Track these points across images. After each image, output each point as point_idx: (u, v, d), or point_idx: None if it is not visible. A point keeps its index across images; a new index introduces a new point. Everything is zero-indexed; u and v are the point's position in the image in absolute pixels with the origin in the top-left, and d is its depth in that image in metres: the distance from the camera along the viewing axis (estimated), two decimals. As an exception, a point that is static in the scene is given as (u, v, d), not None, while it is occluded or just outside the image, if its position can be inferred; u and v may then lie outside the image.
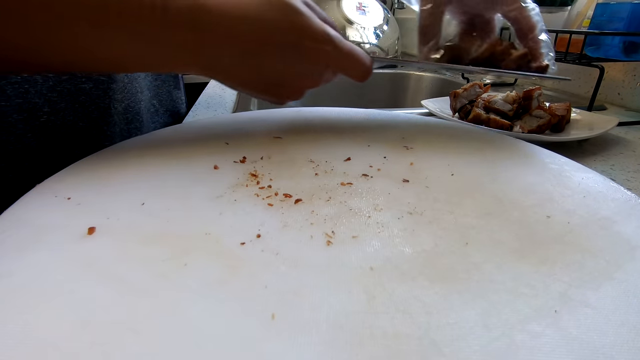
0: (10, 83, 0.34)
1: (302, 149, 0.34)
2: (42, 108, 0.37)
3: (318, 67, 0.32)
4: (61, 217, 0.23)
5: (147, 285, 0.18)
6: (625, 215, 0.25)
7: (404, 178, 0.29)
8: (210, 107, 0.62)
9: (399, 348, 0.15)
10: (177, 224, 0.22)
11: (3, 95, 0.34)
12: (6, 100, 0.34)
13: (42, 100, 0.37)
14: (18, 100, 0.35)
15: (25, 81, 0.35)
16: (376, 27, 1.05)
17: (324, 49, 0.31)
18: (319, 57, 0.31)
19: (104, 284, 0.18)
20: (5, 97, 0.34)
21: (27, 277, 0.18)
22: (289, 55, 0.30)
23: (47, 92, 0.37)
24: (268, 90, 0.33)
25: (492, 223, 0.24)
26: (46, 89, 0.37)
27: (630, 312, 0.17)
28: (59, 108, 0.38)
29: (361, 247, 0.21)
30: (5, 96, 0.34)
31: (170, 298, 0.17)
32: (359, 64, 0.34)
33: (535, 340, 0.16)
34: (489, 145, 0.37)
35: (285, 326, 0.16)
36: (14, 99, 0.35)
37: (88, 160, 0.30)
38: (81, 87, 0.39)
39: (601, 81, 0.55)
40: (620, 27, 0.56)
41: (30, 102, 0.36)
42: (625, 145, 0.48)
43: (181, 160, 0.31)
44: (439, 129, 0.41)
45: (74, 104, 0.39)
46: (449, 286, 0.19)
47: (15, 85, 0.35)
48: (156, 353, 0.15)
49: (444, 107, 0.56)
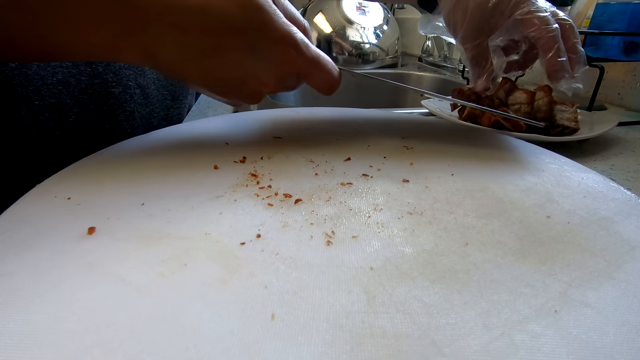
0: (46, 84, 0.36)
1: (302, 149, 0.34)
2: (72, 109, 0.39)
3: (277, 70, 0.29)
4: (61, 217, 0.23)
5: (147, 285, 0.18)
6: (625, 215, 0.25)
7: (404, 178, 0.29)
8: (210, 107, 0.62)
9: (399, 348, 0.15)
10: (177, 224, 0.22)
11: (38, 95, 0.36)
12: (40, 100, 0.36)
13: (73, 101, 0.39)
14: (51, 100, 0.37)
15: (60, 82, 0.37)
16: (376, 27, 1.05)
17: (286, 51, 0.28)
18: (278, 60, 0.28)
19: (104, 284, 0.18)
20: (39, 96, 0.36)
21: (27, 277, 0.18)
22: (244, 56, 0.27)
23: (78, 93, 0.39)
24: (219, 91, 0.30)
25: (492, 223, 0.24)
26: (78, 90, 0.39)
27: (630, 312, 0.17)
28: (87, 109, 0.40)
29: (361, 247, 0.21)
30: (40, 95, 0.36)
31: (170, 298, 0.17)
32: (324, 74, 0.31)
33: (535, 340, 0.16)
34: (489, 145, 0.37)
35: (285, 326, 0.16)
36: (47, 99, 0.37)
37: (88, 160, 0.30)
38: (111, 91, 0.41)
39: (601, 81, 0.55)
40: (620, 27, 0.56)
41: (62, 102, 0.38)
42: (625, 145, 0.48)
43: (181, 160, 0.31)
44: (439, 129, 0.41)
45: (102, 106, 0.41)
46: (449, 286, 0.19)
47: (50, 86, 0.37)
48: (156, 353, 0.15)
49: (444, 107, 0.56)
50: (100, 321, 0.16)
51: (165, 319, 0.16)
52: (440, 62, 1.09)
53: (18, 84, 0.35)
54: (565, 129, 0.45)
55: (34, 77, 0.36)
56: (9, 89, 0.34)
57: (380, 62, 1.05)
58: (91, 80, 0.40)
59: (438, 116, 0.52)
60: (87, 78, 0.39)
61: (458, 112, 0.53)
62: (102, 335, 0.15)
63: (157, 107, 0.49)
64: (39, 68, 0.36)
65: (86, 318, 0.16)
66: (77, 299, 0.17)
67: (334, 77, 0.32)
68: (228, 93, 0.30)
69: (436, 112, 0.54)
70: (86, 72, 0.39)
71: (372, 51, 1.04)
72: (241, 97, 0.31)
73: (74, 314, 0.16)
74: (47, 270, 0.19)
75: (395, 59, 1.09)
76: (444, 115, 0.51)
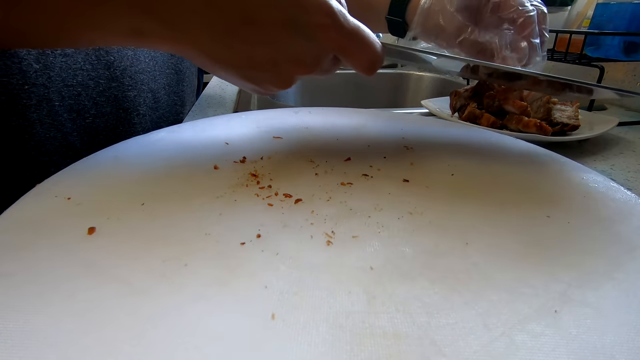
0: (67, 86, 0.37)
1: (302, 149, 0.34)
2: (89, 110, 0.40)
3: (315, 48, 0.26)
4: (61, 217, 0.23)
5: (147, 286, 0.18)
6: (625, 215, 0.25)
7: (404, 178, 0.29)
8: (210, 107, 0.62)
9: (399, 348, 0.15)
10: (177, 224, 0.22)
11: (59, 96, 0.37)
12: (61, 101, 0.37)
13: (91, 103, 0.40)
14: (70, 102, 0.38)
15: (79, 84, 0.38)
16: (376, 27, 1.05)
17: (323, 22, 0.25)
18: (317, 34, 0.25)
19: (104, 284, 0.18)
20: (60, 97, 0.37)
21: (27, 277, 0.18)
22: (277, 30, 0.25)
23: (96, 96, 0.40)
24: (250, 76, 0.27)
25: (492, 223, 0.24)
26: (96, 93, 0.40)
27: (630, 312, 0.17)
28: (104, 112, 0.41)
29: (361, 247, 0.21)
30: (61, 97, 0.37)
31: (170, 298, 0.17)
32: (364, 49, 0.27)
33: (535, 340, 0.16)
34: (489, 146, 0.37)
35: (285, 326, 0.16)
36: (67, 100, 0.38)
37: (88, 160, 0.30)
38: (127, 95, 0.43)
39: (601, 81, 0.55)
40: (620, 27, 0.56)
41: (81, 104, 0.39)
42: (625, 145, 0.48)
43: (181, 160, 0.31)
44: (439, 129, 0.41)
45: (118, 109, 0.42)
46: (449, 286, 0.19)
47: (70, 87, 0.38)
48: (156, 353, 0.15)
49: (444, 107, 0.56)
50: (100, 321, 0.16)
51: (165, 319, 0.16)
52: (440, 62, 1.08)
53: (41, 85, 0.36)
54: (565, 126, 0.45)
55: (56, 78, 0.36)
56: (32, 90, 0.35)
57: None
58: (109, 83, 0.41)
59: (438, 116, 0.52)
60: (105, 81, 0.40)
61: (458, 113, 0.53)
62: (102, 335, 0.15)
63: (167, 111, 0.50)
64: (62, 70, 0.37)
65: (86, 318, 0.16)
66: (77, 299, 0.17)
67: (376, 53, 0.28)
68: (259, 77, 0.28)
69: (436, 112, 0.54)
70: (104, 76, 0.40)
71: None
72: (273, 82, 0.28)
73: (74, 314, 0.16)
74: (47, 270, 0.19)
75: (395, 59, 1.08)
76: (444, 115, 0.52)
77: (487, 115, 0.47)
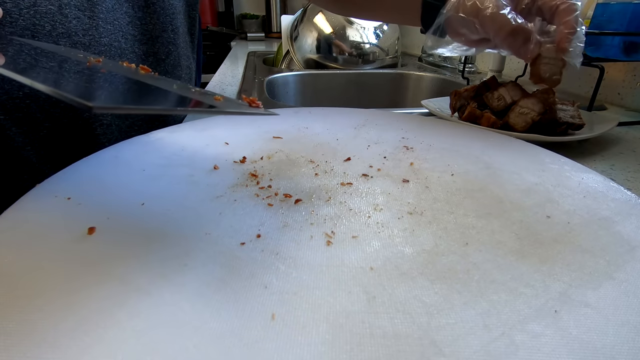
0: (12, 98, 0.35)
1: (302, 149, 0.34)
2: (43, 123, 0.37)
3: None
4: (61, 217, 0.23)
5: (147, 286, 0.18)
6: (625, 215, 0.25)
7: (404, 178, 0.29)
8: (210, 107, 0.62)
9: (399, 348, 0.15)
10: (177, 224, 0.22)
11: (2, 109, 0.34)
12: (5, 114, 0.35)
13: (44, 115, 0.37)
14: (18, 114, 0.35)
15: (27, 96, 0.36)
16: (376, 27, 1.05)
17: None
18: None
19: (104, 284, 0.18)
20: (4, 110, 0.35)
21: (27, 277, 0.18)
22: None
23: (49, 107, 0.37)
24: None
25: (492, 223, 0.24)
26: (49, 104, 0.37)
27: (630, 312, 0.17)
28: (61, 124, 0.38)
29: (361, 247, 0.21)
30: (5, 110, 0.35)
31: (170, 298, 0.17)
32: None
33: (535, 340, 0.16)
34: (489, 146, 0.37)
35: (285, 326, 0.16)
36: (14, 113, 0.35)
37: (88, 160, 0.30)
38: None
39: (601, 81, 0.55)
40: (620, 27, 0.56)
41: (32, 116, 0.36)
42: (625, 145, 0.48)
43: (181, 160, 0.31)
44: (439, 129, 0.41)
45: (76, 120, 0.39)
46: (449, 286, 0.19)
47: (17, 100, 0.35)
48: (156, 353, 0.15)
49: (444, 107, 0.56)
50: (100, 321, 0.16)
51: (165, 319, 0.16)
52: (440, 62, 1.09)
53: None
54: (571, 126, 0.45)
55: None
56: None
57: (380, 62, 1.05)
58: None
59: (438, 116, 0.52)
60: None
61: (458, 113, 0.53)
62: (102, 335, 0.15)
63: (140, 119, 0.46)
64: (3, 82, 0.34)
65: (86, 318, 0.16)
66: (77, 299, 0.17)
67: None
68: None
69: (436, 112, 0.54)
70: None
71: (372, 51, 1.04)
72: None
73: (74, 314, 0.16)
74: (47, 270, 0.19)
75: (395, 59, 1.08)
76: (444, 115, 0.51)
77: (487, 115, 0.47)
